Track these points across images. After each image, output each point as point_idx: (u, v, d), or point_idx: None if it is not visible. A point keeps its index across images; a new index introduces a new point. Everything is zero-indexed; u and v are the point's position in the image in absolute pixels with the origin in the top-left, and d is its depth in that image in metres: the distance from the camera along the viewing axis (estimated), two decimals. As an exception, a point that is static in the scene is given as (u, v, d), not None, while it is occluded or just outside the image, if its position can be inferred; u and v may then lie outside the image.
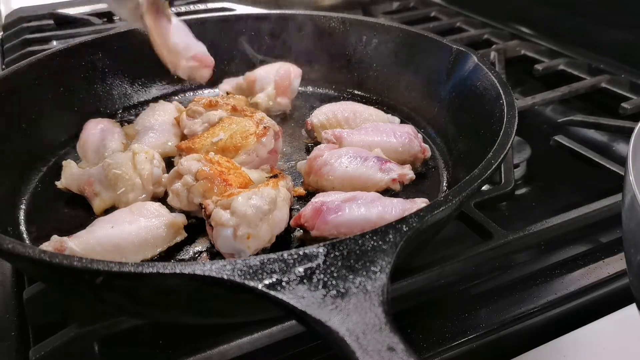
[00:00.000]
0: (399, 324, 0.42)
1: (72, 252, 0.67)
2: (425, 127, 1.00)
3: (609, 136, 1.06)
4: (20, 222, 0.81)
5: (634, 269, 0.52)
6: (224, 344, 0.62)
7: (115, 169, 0.79)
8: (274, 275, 0.46)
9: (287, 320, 0.63)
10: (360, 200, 0.73)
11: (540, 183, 0.96)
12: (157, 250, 0.73)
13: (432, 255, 0.70)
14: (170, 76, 1.12)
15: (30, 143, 0.92)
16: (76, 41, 1.07)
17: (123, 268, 0.48)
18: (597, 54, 1.25)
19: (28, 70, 0.95)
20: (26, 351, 0.62)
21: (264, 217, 0.70)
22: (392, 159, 0.86)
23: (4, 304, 0.74)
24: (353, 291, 0.45)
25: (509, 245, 0.73)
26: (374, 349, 0.40)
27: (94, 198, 0.80)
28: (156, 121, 0.94)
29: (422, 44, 1.03)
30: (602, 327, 0.66)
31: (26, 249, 0.53)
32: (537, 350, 0.64)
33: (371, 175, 0.82)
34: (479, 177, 0.62)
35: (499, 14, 1.48)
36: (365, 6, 1.68)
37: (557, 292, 0.72)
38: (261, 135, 0.85)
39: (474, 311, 0.70)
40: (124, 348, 0.65)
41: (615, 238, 0.79)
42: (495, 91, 0.81)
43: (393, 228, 0.51)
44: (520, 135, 1.00)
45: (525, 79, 1.27)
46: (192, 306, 0.57)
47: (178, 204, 0.77)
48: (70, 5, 1.70)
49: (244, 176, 0.78)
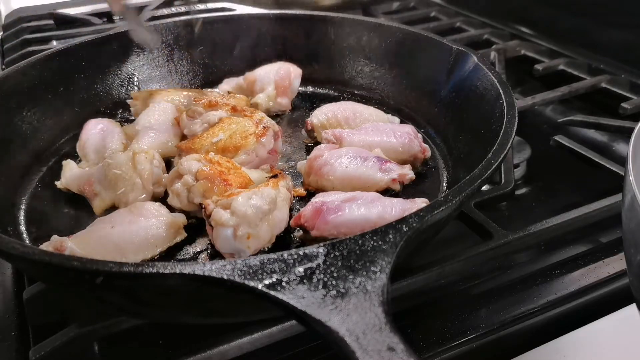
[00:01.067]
0: (399, 324, 0.42)
1: (72, 252, 0.67)
2: (425, 127, 1.00)
3: (609, 136, 1.06)
4: (20, 222, 0.81)
5: (634, 269, 0.52)
6: (224, 344, 0.62)
7: (115, 169, 0.79)
8: (274, 275, 0.46)
9: (287, 320, 0.63)
10: (360, 200, 0.73)
11: (540, 183, 0.96)
12: (157, 250, 0.73)
13: (432, 255, 0.70)
14: (170, 78, 1.13)
15: (30, 143, 0.92)
16: (76, 41, 1.07)
17: (123, 268, 0.48)
18: (597, 54, 1.25)
19: (28, 70, 0.95)
20: (26, 351, 0.62)
21: (264, 217, 0.70)
22: (392, 159, 0.86)
23: (4, 304, 0.74)
24: (353, 291, 0.45)
25: (509, 245, 0.73)
26: (374, 349, 0.40)
27: (94, 198, 0.80)
28: (156, 121, 0.94)
29: (422, 44, 1.03)
30: (602, 327, 0.66)
31: (26, 249, 0.53)
32: (537, 350, 0.64)
33: (371, 175, 0.82)
34: (479, 177, 0.62)
35: (499, 14, 1.48)
36: (365, 6, 1.68)
37: (557, 292, 0.72)
38: (261, 135, 0.85)
39: (474, 311, 0.70)
40: (124, 348, 0.65)
41: (615, 238, 0.79)
42: (495, 91, 0.81)
43: (393, 228, 0.51)
44: (520, 135, 1.00)
45: (525, 79, 1.27)
46: (192, 306, 0.57)
47: (178, 204, 0.77)
48: (70, 5, 1.70)
49: (244, 176, 0.78)
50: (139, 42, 1.05)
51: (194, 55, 1.14)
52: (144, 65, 1.11)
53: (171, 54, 1.14)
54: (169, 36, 1.13)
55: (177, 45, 1.14)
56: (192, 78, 1.15)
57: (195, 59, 1.15)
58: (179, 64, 1.14)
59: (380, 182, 0.82)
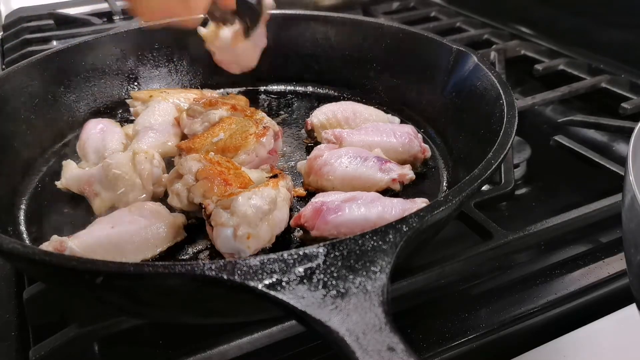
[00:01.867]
0: (399, 324, 0.42)
1: (72, 252, 0.67)
2: (425, 127, 1.00)
3: (609, 136, 1.06)
4: (20, 222, 0.81)
5: (634, 269, 0.52)
6: (224, 344, 0.62)
7: (115, 169, 0.79)
8: (274, 275, 0.46)
9: (287, 320, 0.63)
10: (360, 200, 0.73)
11: (540, 183, 0.96)
12: (157, 250, 0.73)
13: (432, 255, 0.70)
14: (170, 78, 1.13)
15: (30, 143, 0.92)
16: (76, 41, 1.07)
17: (123, 268, 0.48)
18: (597, 54, 1.25)
19: (28, 70, 0.95)
20: (26, 351, 0.62)
21: (264, 217, 0.70)
22: (392, 159, 0.86)
23: (4, 304, 0.74)
24: (353, 291, 0.45)
25: (509, 245, 0.73)
26: (374, 349, 0.40)
27: (94, 198, 0.80)
28: (156, 121, 0.94)
29: (422, 44, 1.03)
30: (602, 327, 0.66)
31: (26, 249, 0.53)
32: (537, 350, 0.64)
33: (371, 175, 0.82)
34: (479, 177, 0.62)
35: (499, 14, 1.48)
36: (365, 6, 1.68)
37: (557, 292, 0.72)
38: (260, 135, 0.85)
39: (474, 311, 0.70)
40: (124, 348, 0.65)
41: (615, 238, 0.79)
42: (495, 91, 0.81)
43: (393, 228, 0.51)
44: (520, 135, 1.00)
45: (525, 79, 1.27)
46: (192, 306, 0.57)
47: (178, 204, 0.77)
48: (70, 5, 1.70)
49: (244, 176, 0.78)
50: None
51: (194, 55, 1.14)
52: (144, 65, 1.11)
53: (171, 54, 1.14)
54: (169, 36, 1.13)
55: (177, 45, 1.13)
56: (192, 78, 1.15)
57: (195, 59, 1.15)
58: (179, 64, 1.14)
59: (380, 182, 0.82)
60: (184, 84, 1.14)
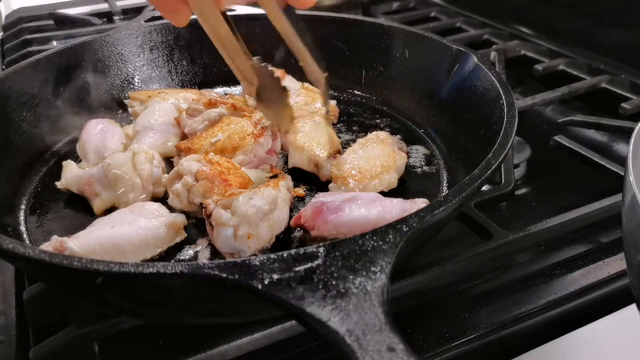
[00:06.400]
0: (399, 324, 0.42)
1: (72, 252, 0.67)
2: (425, 127, 1.00)
3: (609, 136, 1.06)
4: (20, 222, 0.81)
5: (634, 269, 0.52)
6: (224, 344, 0.62)
7: (115, 169, 0.79)
8: (274, 275, 0.46)
9: (287, 320, 0.63)
10: (360, 200, 0.73)
11: (540, 183, 0.96)
12: (157, 250, 0.73)
13: (432, 255, 0.70)
14: (170, 78, 1.13)
15: (30, 143, 0.92)
16: (76, 41, 1.07)
17: (123, 268, 0.48)
18: (597, 54, 1.25)
19: (28, 70, 0.95)
20: (26, 351, 0.62)
21: (264, 217, 0.70)
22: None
23: (4, 304, 0.74)
24: (353, 291, 0.45)
25: (509, 246, 0.72)
26: (374, 349, 0.40)
27: (94, 198, 0.80)
28: (156, 121, 0.94)
29: (422, 44, 1.03)
30: (602, 327, 0.66)
31: (26, 249, 0.53)
32: (537, 350, 0.64)
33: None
34: (479, 177, 0.62)
35: (499, 14, 1.48)
36: (365, 6, 1.68)
37: (557, 292, 0.72)
38: (258, 135, 0.85)
39: (474, 311, 0.69)
40: (124, 348, 0.65)
41: (615, 238, 0.79)
42: (495, 91, 0.81)
43: (393, 228, 0.51)
44: (520, 135, 1.00)
45: (525, 79, 1.27)
46: (192, 306, 0.57)
47: (178, 204, 0.77)
48: (70, 5, 1.70)
49: (244, 176, 0.78)
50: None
51: (194, 55, 1.14)
52: (144, 66, 1.11)
53: (171, 54, 1.14)
54: (169, 36, 1.13)
55: (177, 45, 1.14)
56: (192, 78, 1.15)
57: (195, 59, 1.15)
58: (179, 64, 1.14)
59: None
60: (184, 84, 1.14)
